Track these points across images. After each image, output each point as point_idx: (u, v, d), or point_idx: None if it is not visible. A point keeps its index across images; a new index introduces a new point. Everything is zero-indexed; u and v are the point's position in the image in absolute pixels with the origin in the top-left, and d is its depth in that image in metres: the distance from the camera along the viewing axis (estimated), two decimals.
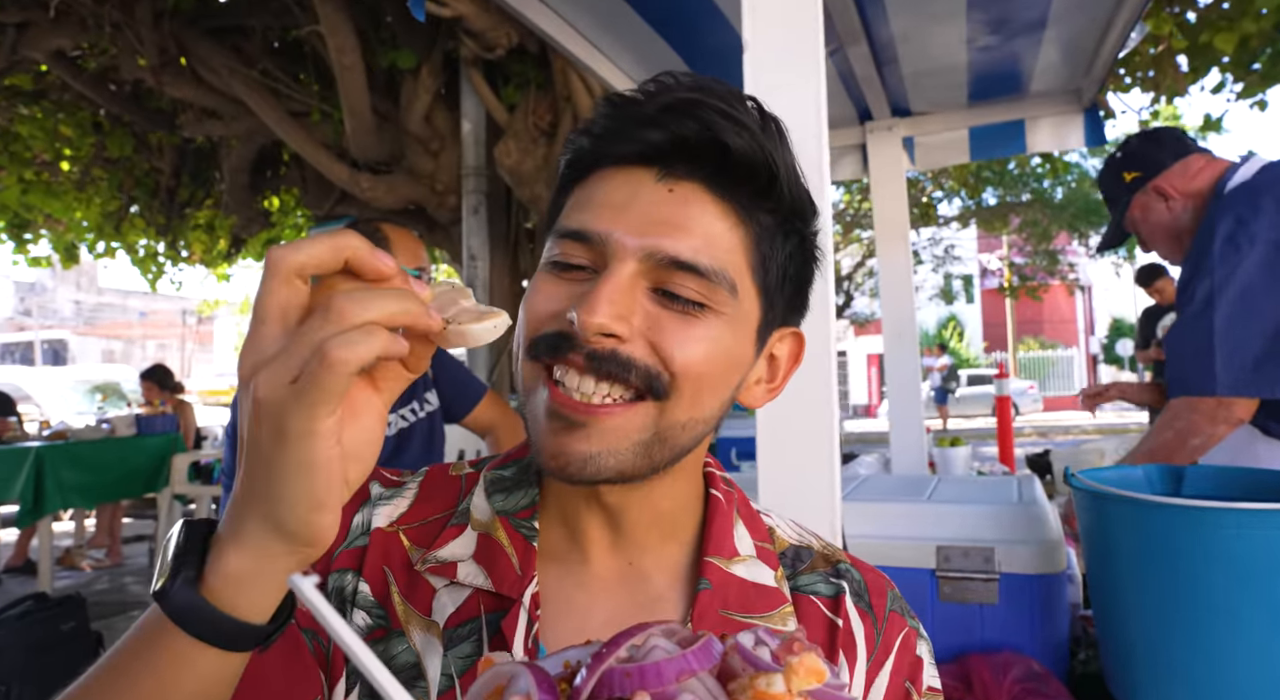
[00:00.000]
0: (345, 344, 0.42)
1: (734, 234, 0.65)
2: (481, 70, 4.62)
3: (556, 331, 0.62)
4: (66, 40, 5.27)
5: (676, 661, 0.44)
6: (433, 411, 2.43)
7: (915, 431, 3.27)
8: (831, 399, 1.22)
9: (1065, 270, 17.87)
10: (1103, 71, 2.90)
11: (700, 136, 0.62)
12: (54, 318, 36.87)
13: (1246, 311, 1.68)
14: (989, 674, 1.49)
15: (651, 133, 0.63)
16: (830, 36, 2.59)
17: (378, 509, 0.73)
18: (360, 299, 0.44)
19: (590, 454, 0.61)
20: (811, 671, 0.44)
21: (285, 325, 0.46)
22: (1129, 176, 2.04)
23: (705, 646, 0.45)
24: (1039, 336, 31.14)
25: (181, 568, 0.48)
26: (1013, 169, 12.48)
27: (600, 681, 0.43)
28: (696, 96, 0.62)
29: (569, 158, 0.70)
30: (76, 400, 12.11)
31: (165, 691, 0.49)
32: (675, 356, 0.62)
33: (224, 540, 0.48)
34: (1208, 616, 1.23)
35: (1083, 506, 1.42)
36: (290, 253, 0.46)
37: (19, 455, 5.42)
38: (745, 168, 0.63)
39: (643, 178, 0.64)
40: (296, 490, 0.45)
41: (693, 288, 0.62)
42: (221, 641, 0.48)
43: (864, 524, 1.73)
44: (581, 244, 0.63)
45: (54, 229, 7.86)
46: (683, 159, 0.63)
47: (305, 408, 0.43)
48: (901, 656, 0.76)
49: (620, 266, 0.61)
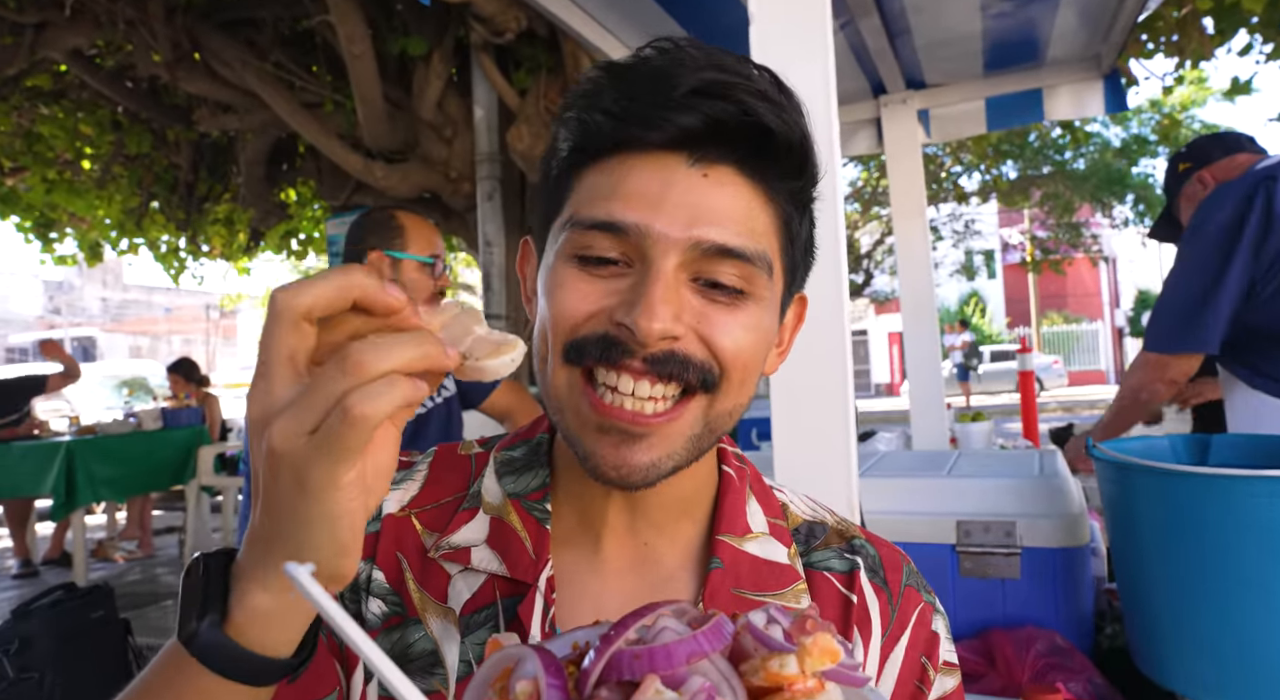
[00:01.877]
0: (367, 398, 0.42)
1: (766, 214, 0.64)
2: (492, 55, 4.60)
3: (605, 335, 0.60)
4: (83, 39, 5.31)
5: (687, 643, 0.43)
6: (450, 397, 2.45)
7: (936, 408, 3.24)
8: (846, 373, 1.21)
9: (1088, 242, 17.58)
10: (1122, 36, 2.84)
11: (738, 120, 0.59)
12: (82, 315, 37.42)
13: (1185, 280, 1.91)
14: (1012, 649, 1.48)
15: (684, 117, 0.59)
16: (840, 9, 2.55)
17: (389, 493, 0.72)
18: (378, 347, 0.43)
19: (652, 462, 0.61)
20: (825, 651, 0.43)
21: (295, 371, 0.45)
22: (1182, 167, 2.25)
23: (716, 627, 0.45)
24: (1063, 311, 30.74)
25: (208, 610, 0.48)
26: (1033, 141, 12.27)
27: (609, 664, 0.42)
28: (724, 77, 0.59)
29: (577, 137, 0.64)
30: (105, 396, 12.30)
31: None
32: (726, 348, 0.61)
33: (247, 579, 0.48)
34: (1237, 588, 1.21)
35: (1106, 478, 1.40)
36: (296, 296, 0.44)
37: (50, 450, 5.53)
38: (783, 150, 0.62)
39: (674, 163, 0.60)
40: (320, 538, 0.45)
41: (735, 274, 0.61)
42: (248, 679, 0.48)
43: (883, 500, 1.72)
44: (613, 236, 0.60)
45: (78, 227, 7.96)
46: (717, 143, 0.60)
47: (329, 463, 0.43)
48: (917, 632, 0.76)
49: (665, 262, 0.59)
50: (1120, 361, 28.22)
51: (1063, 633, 1.51)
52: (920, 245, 3.36)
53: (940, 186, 13.68)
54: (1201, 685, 1.25)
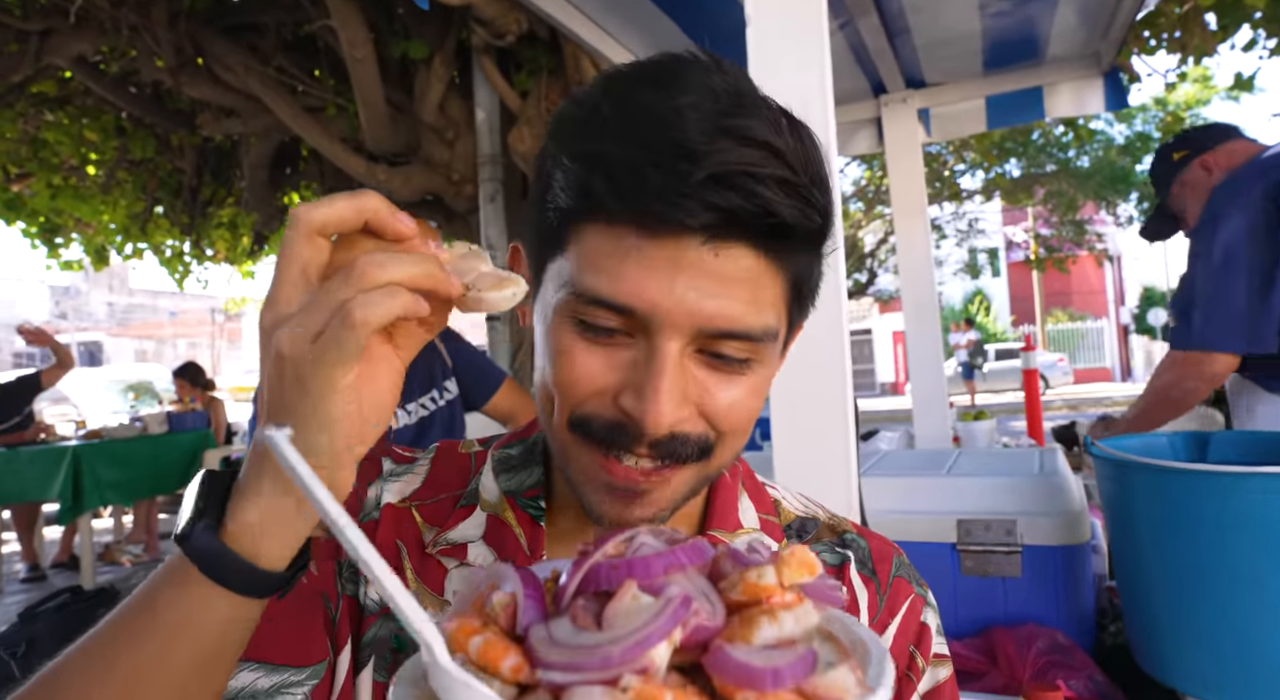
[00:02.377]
0: (367, 304, 0.44)
1: (776, 284, 0.60)
2: (493, 58, 4.61)
3: (614, 422, 0.59)
4: (87, 45, 5.33)
5: (665, 556, 0.43)
6: (452, 399, 2.46)
7: (938, 407, 3.24)
8: (845, 373, 1.21)
9: (1093, 240, 17.54)
10: (1121, 33, 2.84)
11: (752, 214, 0.55)
12: (88, 320, 37.56)
13: (1226, 273, 1.82)
14: (1013, 647, 1.48)
15: (696, 213, 0.54)
16: (839, 9, 2.56)
17: (389, 485, 0.74)
18: (383, 261, 0.46)
19: (651, 515, 0.62)
20: (803, 563, 0.43)
21: (307, 282, 0.47)
22: (1177, 155, 2.19)
23: (695, 545, 0.45)
24: (1068, 309, 30.67)
25: (203, 514, 0.50)
26: (1036, 139, 12.25)
27: (587, 576, 0.43)
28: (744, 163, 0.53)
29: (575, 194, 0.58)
30: (111, 400, 12.34)
31: (184, 631, 0.50)
32: (724, 418, 0.61)
33: (243, 490, 0.50)
34: (1234, 585, 1.21)
35: (1104, 475, 1.40)
36: (313, 210, 0.47)
37: (57, 454, 5.55)
38: (801, 236, 0.58)
39: (684, 244, 0.56)
40: (316, 445, 0.46)
41: (740, 349, 0.59)
42: (238, 587, 0.50)
43: (884, 499, 1.72)
44: (617, 314, 0.58)
45: (84, 232, 7.99)
46: (731, 228, 0.56)
47: (328, 366, 0.45)
48: (907, 622, 0.76)
49: (670, 344, 0.57)
50: (1125, 359, 28.15)
51: (1064, 630, 1.51)
52: (921, 244, 3.36)
53: (944, 185, 13.66)
54: (1200, 682, 1.26)
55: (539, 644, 0.39)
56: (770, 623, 0.41)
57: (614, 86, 0.60)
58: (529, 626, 0.41)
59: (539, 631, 0.40)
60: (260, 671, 0.62)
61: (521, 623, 0.41)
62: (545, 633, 0.40)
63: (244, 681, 0.62)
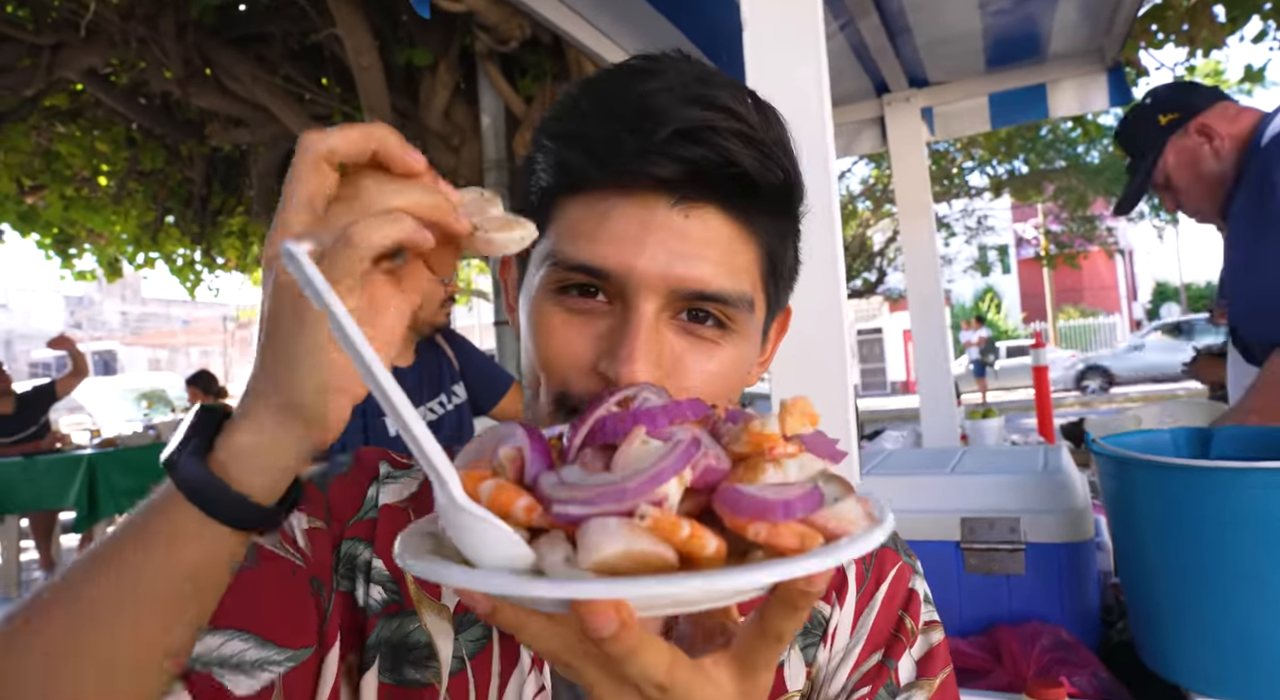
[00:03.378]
0: (369, 226, 0.43)
1: (749, 250, 0.64)
2: (497, 63, 4.64)
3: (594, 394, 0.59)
4: (97, 58, 5.40)
5: (670, 408, 0.44)
6: (460, 404, 2.48)
7: (946, 405, 3.23)
8: (845, 373, 1.22)
9: (1103, 235, 17.44)
10: (1124, 28, 2.83)
11: (718, 166, 0.59)
12: (102, 329, 37.87)
13: None
14: (1017, 644, 1.48)
15: (665, 167, 0.58)
16: (839, 9, 2.56)
17: (386, 486, 0.74)
18: (389, 188, 0.45)
19: None
20: (804, 413, 0.44)
21: (312, 211, 0.46)
22: (1165, 119, 1.93)
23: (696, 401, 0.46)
24: (1079, 305, 30.49)
25: (192, 439, 0.49)
26: (1045, 135, 12.20)
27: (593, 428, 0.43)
28: (707, 116, 0.58)
29: (555, 172, 0.64)
30: (125, 408, 12.45)
31: (169, 559, 0.49)
32: (701, 390, 0.62)
33: (236, 419, 0.50)
34: (1235, 582, 1.21)
35: (1105, 472, 1.40)
36: (321, 138, 0.46)
37: (72, 463, 5.61)
38: (765, 191, 0.62)
39: (655, 204, 0.60)
40: (311, 370, 0.46)
41: (715, 313, 0.62)
42: (223, 515, 0.49)
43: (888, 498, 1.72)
44: (594, 278, 0.61)
45: (96, 243, 8.08)
46: (698, 185, 0.60)
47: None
48: (895, 587, 0.78)
49: (645, 306, 0.60)
50: None
51: (1068, 627, 1.51)
52: (927, 243, 3.36)
53: (951, 183, 13.61)
54: (1204, 678, 1.25)
55: (550, 487, 0.40)
56: (775, 469, 0.42)
57: (590, 82, 0.65)
58: (537, 476, 0.41)
59: (549, 478, 0.41)
60: (249, 643, 0.63)
61: (529, 473, 0.42)
62: (556, 478, 0.40)
63: (234, 650, 0.62)
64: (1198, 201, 1.98)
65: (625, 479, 0.38)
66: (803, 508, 0.38)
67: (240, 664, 0.62)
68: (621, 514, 0.37)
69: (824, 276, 1.21)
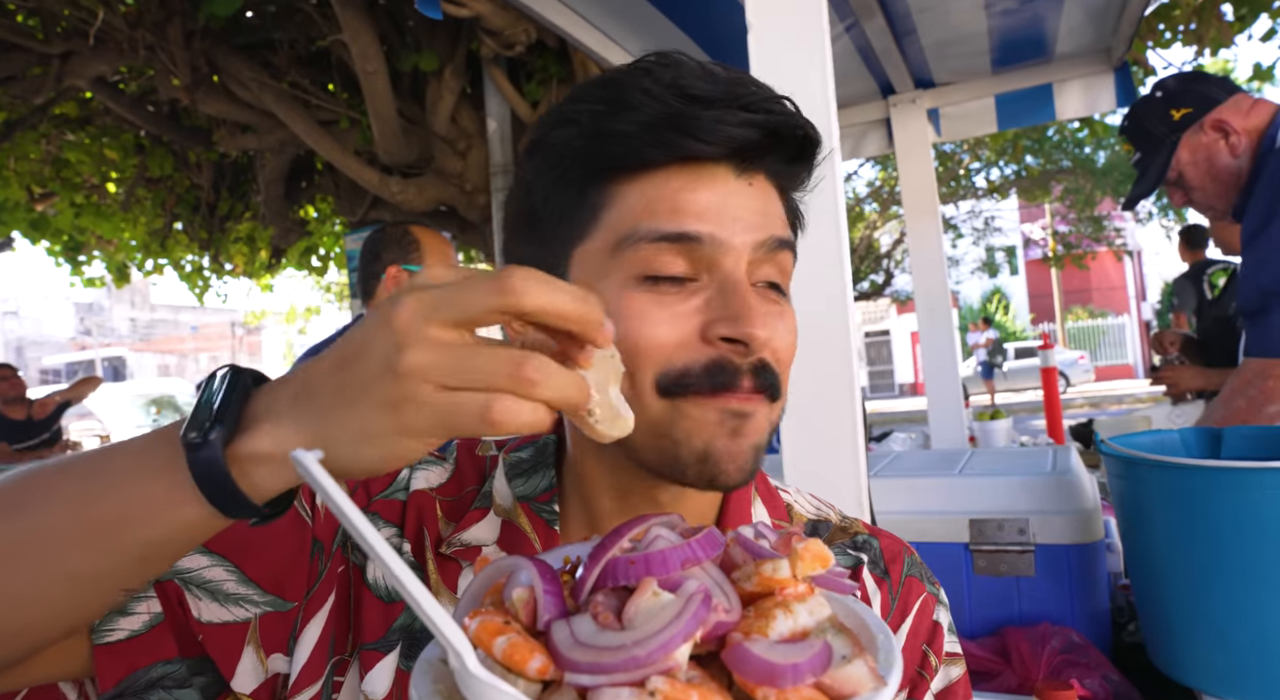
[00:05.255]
0: (512, 414, 0.42)
1: (781, 206, 0.68)
2: (504, 68, 4.65)
3: (711, 362, 0.60)
4: (106, 66, 5.43)
5: (681, 549, 0.44)
6: None
7: (954, 406, 3.22)
8: (851, 374, 1.22)
9: (1111, 236, 17.38)
10: (1131, 28, 2.82)
11: (790, 130, 0.63)
12: (112, 336, 38.10)
13: None
14: (1027, 646, 1.48)
15: (743, 130, 0.60)
16: (845, 11, 2.56)
17: (419, 471, 0.75)
18: (551, 376, 0.43)
19: (753, 446, 0.62)
20: (816, 557, 0.44)
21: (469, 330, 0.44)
22: (1178, 114, 1.88)
23: (709, 536, 0.46)
24: (1087, 306, 30.36)
25: (220, 423, 0.47)
26: (1052, 135, 12.16)
27: (604, 571, 0.43)
28: (760, 91, 0.62)
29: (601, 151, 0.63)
30: (135, 414, 12.51)
31: (140, 518, 0.48)
32: (783, 352, 0.64)
33: (268, 421, 0.47)
34: (1247, 583, 1.20)
35: (1115, 473, 1.39)
36: (531, 297, 0.42)
37: None
38: (810, 152, 0.67)
39: (723, 174, 0.63)
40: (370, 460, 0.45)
41: (782, 270, 0.66)
42: (220, 505, 0.48)
43: (895, 500, 1.72)
44: (685, 249, 0.61)
45: (105, 249, 8.12)
46: (756, 153, 0.63)
47: (436, 424, 0.43)
48: (919, 621, 0.77)
49: (738, 269, 0.62)
50: (1148, 355, 27.77)
51: (1078, 629, 1.50)
52: (933, 244, 3.35)
53: (958, 184, 13.58)
54: (1216, 680, 1.25)
55: (563, 644, 0.40)
56: (785, 616, 0.42)
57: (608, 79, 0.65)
58: (550, 623, 0.42)
59: (561, 630, 0.41)
60: (233, 576, 0.63)
61: (542, 618, 0.42)
62: (568, 631, 0.41)
63: (215, 576, 0.63)
64: (1212, 198, 1.94)
65: (637, 643, 0.39)
66: (811, 670, 0.38)
67: (217, 592, 0.63)
68: (633, 684, 0.38)
69: (831, 279, 1.21)
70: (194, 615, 0.62)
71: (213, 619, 0.63)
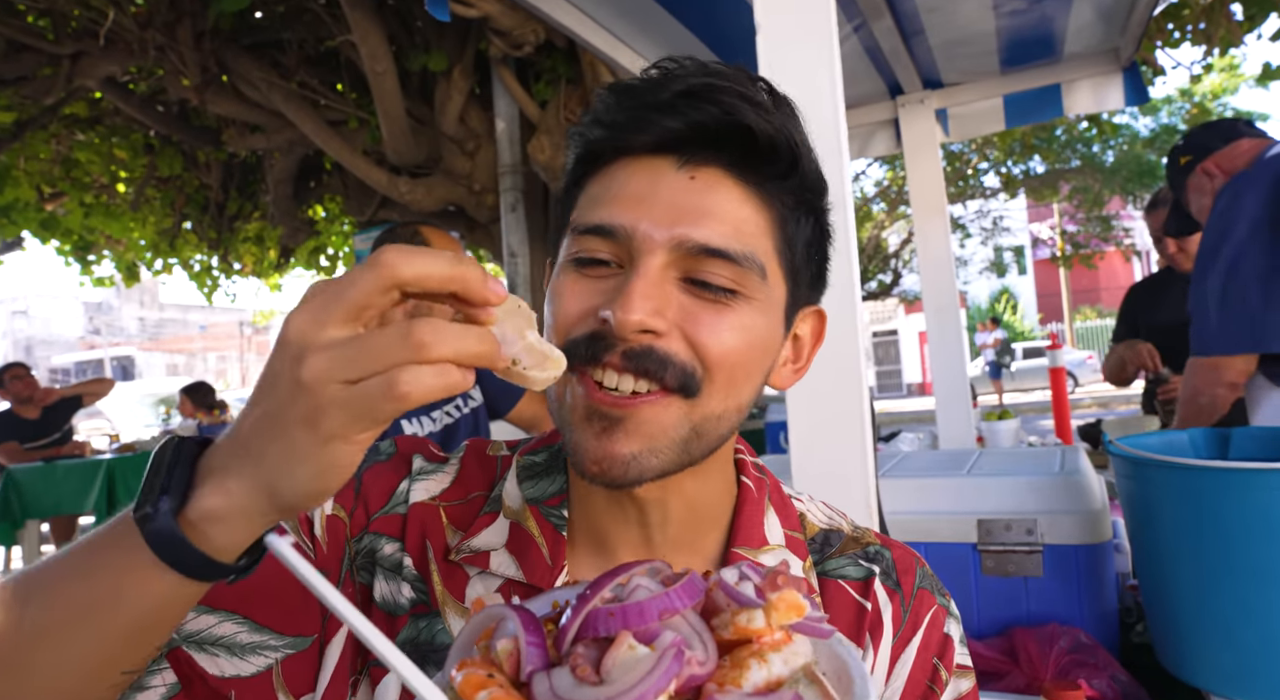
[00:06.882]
0: (417, 379, 0.42)
1: (759, 217, 0.65)
2: (512, 68, 4.66)
3: (590, 334, 0.61)
4: (116, 66, 5.46)
5: (659, 599, 0.45)
6: (477, 407, 2.49)
7: (961, 407, 3.22)
8: (860, 374, 1.22)
9: (1120, 235, 17.30)
10: (1139, 28, 2.81)
11: (720, 121, 0.61)
12: (121, 335, 38.26)
13: (1234, 275, 1.82)
14: (1035, 646, 1.48)
15: (669, 120, 0.62)
16: (853, 12, 2.56)
17: (418, 482, 0.74)
18: (443, 334, 0.43)
19: (632, 455, 0.61)
20: (791, 607, 0.45)
21: (357, 321, 0.44)
22: (1183, 160, 2.19)
23: (689, 584, 0.46)
24: (1096, 305, 30.25)
25: (165, 494, 0.47)
26: (1059, 135, 12.12)
27: (585, 622, 0.44)
28: (711, 81, 0.62)
29: (579, 151, 0.68)
30: (144, 413, 12.57)
31: (118, 598, 0.49)
32: (711, 347, 0.62)
33: (212, 479, 0.47)
34: (1255, 583, 1.20)
35: (1123, 474, 1.39)
36: (405, 266, 0.44)
37: (91, 468, 5.67)
38: (768, 150, 0.63)
39: (662, 166, 0.63)
40: (308, 480, 0.45)
41: (724, 275, 0.62)
42: (186, 571, 0.48)
43: (903, 500, 1.72)
44: (604, 239, 0.63)
45: (115, 249, 8.17)
46: (703, 145, 0.63)
47: (352, 418, 0.43)
48: (930, 633, 0.77)
49: (650, 259, 0.61)
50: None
51: (1086, 630, 1.50)
52: (941, 244, 3.35)
53: (966, 184, 13.54)
54: (1224, 680, 1.25)
55: (542, 698, 0.41)
56: (759, 665, 0.43)
57: (616, 82, 0.69)
58: (532, 675, 0.43)
59: (542, 683, 0.42)
60: (244, 627, 0.63)
61: (525, 669, 0.43)
62: (548, 685, 0.42)
63: (225, 631, 0.62)
64: None
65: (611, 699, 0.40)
66: None
67: (231, 646, 0.62)
68: None
69: (839, 279, 1.21)
70: (213, 674, 0.62)
71: (235, 673, 0.62)
